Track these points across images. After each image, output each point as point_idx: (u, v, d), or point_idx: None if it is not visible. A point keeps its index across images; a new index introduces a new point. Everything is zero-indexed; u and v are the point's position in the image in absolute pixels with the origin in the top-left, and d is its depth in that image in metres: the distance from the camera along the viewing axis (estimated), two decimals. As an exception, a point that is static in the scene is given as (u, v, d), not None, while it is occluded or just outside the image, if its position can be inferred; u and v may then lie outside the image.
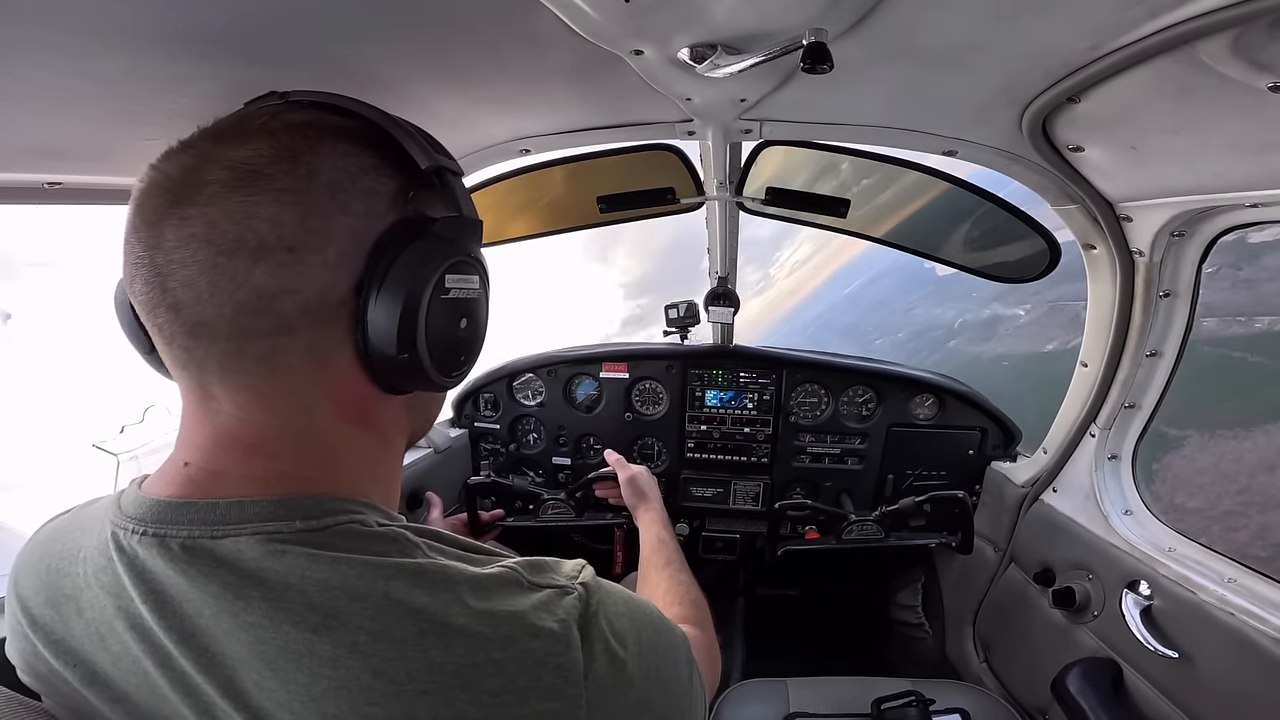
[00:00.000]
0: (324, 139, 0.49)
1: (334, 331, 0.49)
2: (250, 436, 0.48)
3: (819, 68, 0.69)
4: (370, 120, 0.52)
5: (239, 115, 0.50)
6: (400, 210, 0.51)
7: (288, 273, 0.45)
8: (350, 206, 0.48)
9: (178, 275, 0.44)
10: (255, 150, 0.46)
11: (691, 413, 2.12)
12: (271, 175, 0.45)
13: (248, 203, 0.44)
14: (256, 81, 0.58)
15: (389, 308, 0.48)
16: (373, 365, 0.50)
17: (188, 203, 0.44)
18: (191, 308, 0.45)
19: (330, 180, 0.47)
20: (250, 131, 0.47)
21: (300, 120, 0.50)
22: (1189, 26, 0.67)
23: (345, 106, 0.53)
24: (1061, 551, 1.54)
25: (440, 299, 0.52)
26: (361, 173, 0.49)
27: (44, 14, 0.54)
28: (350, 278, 0.48)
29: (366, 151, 0.50)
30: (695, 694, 0.59)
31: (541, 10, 0.70)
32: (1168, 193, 1.13)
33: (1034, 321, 44.93)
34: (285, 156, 0.46)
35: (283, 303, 0.45)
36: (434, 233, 0.52)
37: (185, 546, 0.44)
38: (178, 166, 0.46)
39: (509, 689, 0.42)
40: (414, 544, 0.47)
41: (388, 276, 0.48)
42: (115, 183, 0.91)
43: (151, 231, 0.45)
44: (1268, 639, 1.05)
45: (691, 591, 0.93)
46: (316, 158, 0.47)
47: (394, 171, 0.52)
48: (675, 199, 1.56)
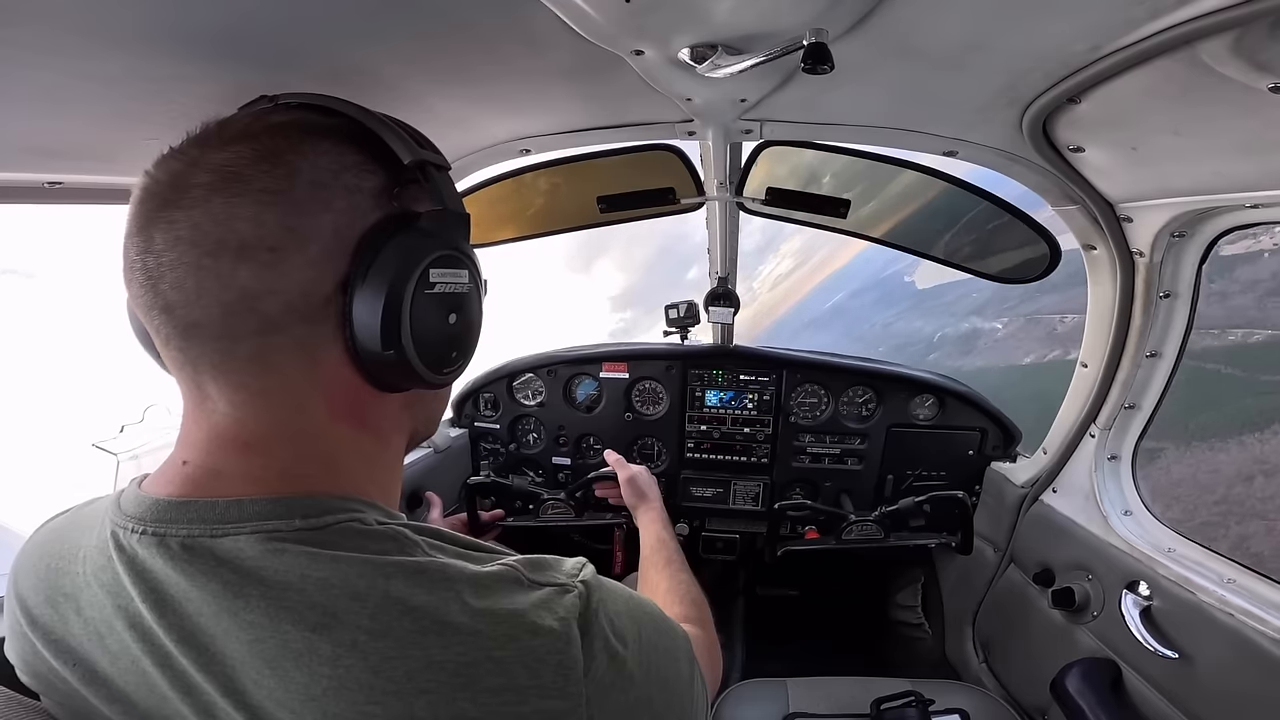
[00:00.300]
0: (305, 138, 0.49)
1: (322, 329, 0.49)
2: (246, 435, 0.48)
3: (819, 68, 0.69)
4: (352, 118, 0.52)
5: (223, 120, 0.51)
6: (385, 206, 0.51)
7: (271, 273, 0.45)
8: (333, 204, 0.48)
9: (168, 278, 0.45)
10: (236, 153, 0.46)
11: (691, 413, 2.12)
12: (251, 176, 0.46)
13: (229, 204, 0.45)
14: (257, 82, 0.58)
15: (372, 304, 0.48)
16: (362, 363, 0.50)
17: (174, 206, 0.45)
18: (182, 309, 0.45)
19: (311, 179, 0.48)
20: (232, 135, 0.48)
21: (281, 121, 0.50)
22: (1190, 27, 0.67)
23: (328, 106, 0.53)
24: (1061, 552, 1.54)
25: (425, 294, 0.51)
26: (343, 170, 0.50)
27: (45, 15, 0.54)
28: (336, 275, 0.48)
29: (349, 148, 0.51)
30: (697, 693, 0.59)
31: (542, 10, 0.70)
32: (1168, 193, 1.13)
33: (1012, 335, 45.07)
34: (265, 157, 0.47)
35: (268, 302, 0.46)
36: (418, 227, 0.52)
37: (185, 545, 0.44)
38: (166, 172, 0.47)
39: (509, 687, 0.42)
40: (413, 542, 0.47)
41: (370, 272, 0.48)
42: (116, 182, 0.91)
43: (143, 235, 0.46)
44: (1267, 640, 1.05)
45: (692, 591, 0.93)
46: (297, 157, 0.48)
47: (377, 168, 0.52)
48: (675, 199, 1.56)
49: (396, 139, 0.52)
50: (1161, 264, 1.29)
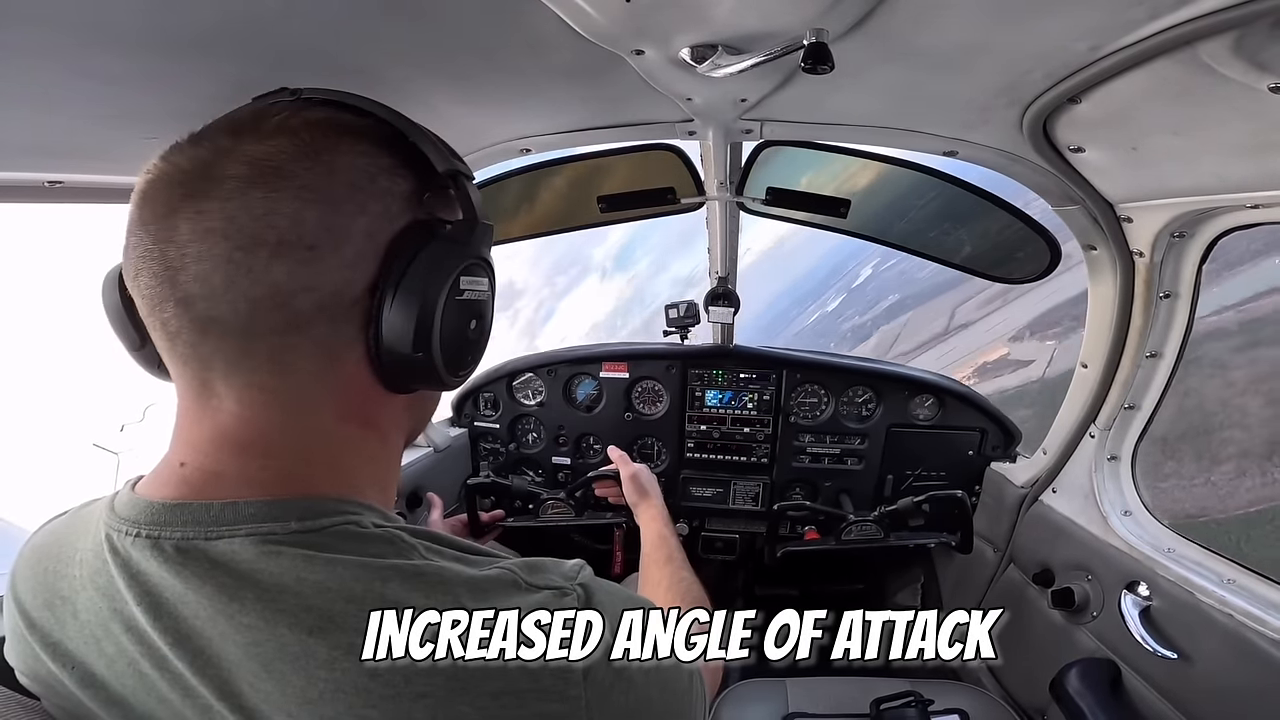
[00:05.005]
0: (343, 138, 0.49)
1: (346, 330, 0.49)
2: (250, 435, 0.48)
3: (820, 68, 0.69)
4: (385, 121, 0.53)
5: (254, 110, 0.50)
6: (414, 212, 0.51)
7: (307, 270, 0.45)
8: (368, 206, 0.48)
9: (191, 270, 0.44)
10: (276, 146, 0.46)
11: (691, 413, 2.12)
12: (293, 172, 0.45)
13: (269, 199, 0.44)
14: (257, 82, 0.58)
15: (407, 308, 0.49)
16: (382, 364, 0.50)
17: (204, 196, 0.44)
18: (203, 302, 0.44)
19: (349, 179, 0.48)
20: (269, 128, 0.47)
21: (319, 118, 0.49)
22: (1190, 27, 0.67)
23: (360, 106, 0.53)
24: (1061, 552, 1.54)
25: (455, 300, 0.52)
26: (379, 173, 0.50)
27: (46, 15, 0.54)
28: (365, 278, 0.48)
29: (384, 152, 0.51)
30: (696, 692, 0.59)
31: (543, 10, 0.70)
32: (1168, 193, 1.13)
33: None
34: (306, 154, 0.46)
35: (300, 300, 0.45)
36: (449, 235, 0.52)
37: (179, 548, 0.44)
38: (191, 159, 0.45)
39: (507, 691, 0.42)
40: (411, 546, 0.47)
41: (406, 277, 0.49)
42: (116, 182, 0.91)
43: (163, 225, 0.44)
44: (1267, 640, 1.05)
45: (693, 588, 0.93)
46: (336, 156, 0.48)
47: (409, 173, 0.52)
48: (676, 199, 1.56)
49: (431, 147, 0.53)
50: (1162, 264, 1.28)
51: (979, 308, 27.55)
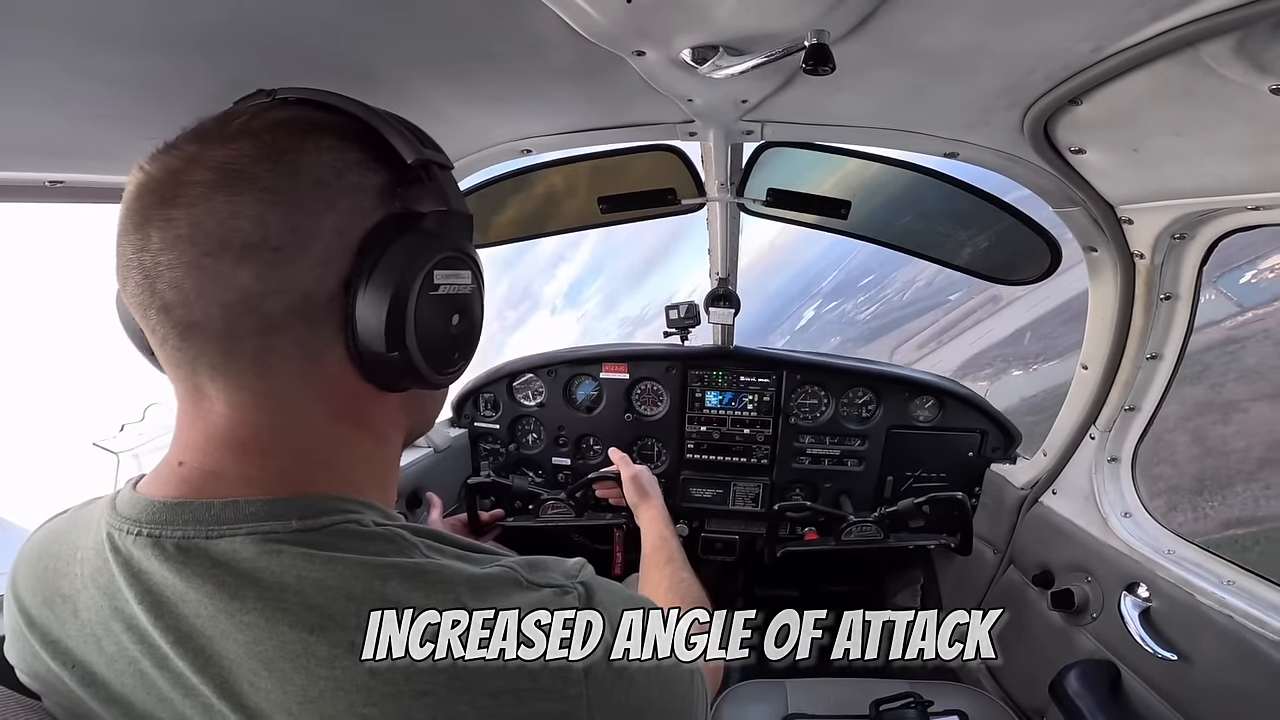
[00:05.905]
0: (307, 135, 0.48)
1: (324, 330, 0.48)
2: (244, 435, 0.47)
3: (821, 69, 0.69)
4: (354, 115, 0.52)
5: (221, 115, 0.50)
6: (388, 206, 0.50)
7: (274, 273, 0.45)
8: (336, 203, 0.48)
9: (165, 277, 0.44)
10: (238, 149, 0.45)
11: (691, 413, 2.12)
12: (255, 174, 0.45)
13: (231, 203, 0.44)
14: (257, 83, 0.58)
15: (376, 305, 0.48)
16: (364, 364, 0.50)
17: (172, 204, 0.44)
18: (180, 309, 0.45)
19: (314, 177, 0.47)
20: (232, 131, 0.47)
21: (283, 118, 0.49)
22: (1192, 29, 0.67)
23: (329, 102, 0.52)
24: (1061, 553, 1.54)
25: (429, 295, 0.51)
26: (346, 168, 0.49)
27: (46, 15, 0.54)
28: (338, 276, 0.47)
29: (351, 146, 0.50)
30: (697, 692, 0.59)
31: (543, 11, 0.70)
32: (1169, 195, 1.13)
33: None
34: (268, 155, 0.46)
35: (270, 304, 0.45)
36: (422, 228, 0.51)
37: (180, 547, 0.44)
38: (162, 168, 0.46)
39: (507, 690, 0.42)
40: (411, 544, 0.47)
41: (374, 273, 0.48)
42: (116, 181, 0.91)
43: (139, 234, 0.45)
44: (1266, 642, 1.05)
45: (693, 589, 0.93)
46: (299, 155, 0.47)
47: (380, 166, 0.51)
48: (676, 200, 1.56)
49: (399, 137, 0.51)
50: (1162, 266, 1.28)
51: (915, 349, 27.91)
